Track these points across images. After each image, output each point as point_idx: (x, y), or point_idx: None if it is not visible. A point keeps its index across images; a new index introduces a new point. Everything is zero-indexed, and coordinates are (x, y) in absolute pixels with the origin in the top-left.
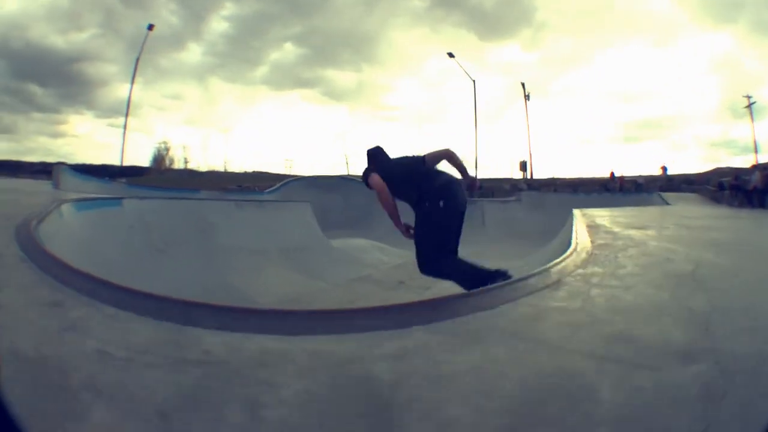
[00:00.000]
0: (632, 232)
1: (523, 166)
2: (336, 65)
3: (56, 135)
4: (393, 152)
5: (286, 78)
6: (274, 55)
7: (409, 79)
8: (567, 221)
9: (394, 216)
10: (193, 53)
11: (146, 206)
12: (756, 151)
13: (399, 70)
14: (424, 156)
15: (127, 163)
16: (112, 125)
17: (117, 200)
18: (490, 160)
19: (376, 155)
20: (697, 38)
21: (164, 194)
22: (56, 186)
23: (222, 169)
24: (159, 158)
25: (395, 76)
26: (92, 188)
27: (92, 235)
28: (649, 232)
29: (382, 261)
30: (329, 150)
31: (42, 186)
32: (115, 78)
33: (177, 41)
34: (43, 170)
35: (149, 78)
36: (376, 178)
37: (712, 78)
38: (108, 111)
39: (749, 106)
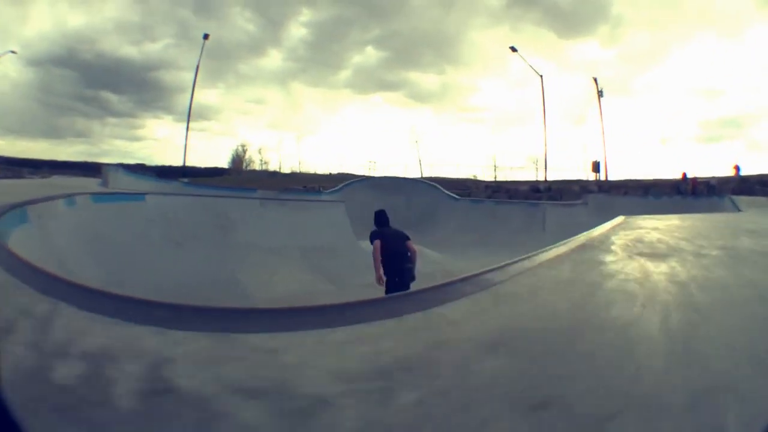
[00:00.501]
0: (638, 266)
1: (596, 167)
2: (419, 67)
3: (134, 139)
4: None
5: (369, 81)
6: (356, 59)
7: (492, 79)
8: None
9: (377, 268)
10: (274, 59)
11: (170, 202)
12: None
13: (482, 71)
14: (408, 238)
15: (209, 164)
16: (192, 129)
17: (140, 195)
18: (565, 160)
19: (380, 218)
20: None
21: (194, 191)
22: (104, 184)
23: (300, 171)
24: (237, 160)
25: (479, 76)
26: (143, 186)
27: (106, 225)
28: (663, 269)
29: None
30: (411, 152)
31: (89, 183)
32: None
33: (256, 48)
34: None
35: (231, 83)
36: (377, 245)
37: None
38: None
39: None
